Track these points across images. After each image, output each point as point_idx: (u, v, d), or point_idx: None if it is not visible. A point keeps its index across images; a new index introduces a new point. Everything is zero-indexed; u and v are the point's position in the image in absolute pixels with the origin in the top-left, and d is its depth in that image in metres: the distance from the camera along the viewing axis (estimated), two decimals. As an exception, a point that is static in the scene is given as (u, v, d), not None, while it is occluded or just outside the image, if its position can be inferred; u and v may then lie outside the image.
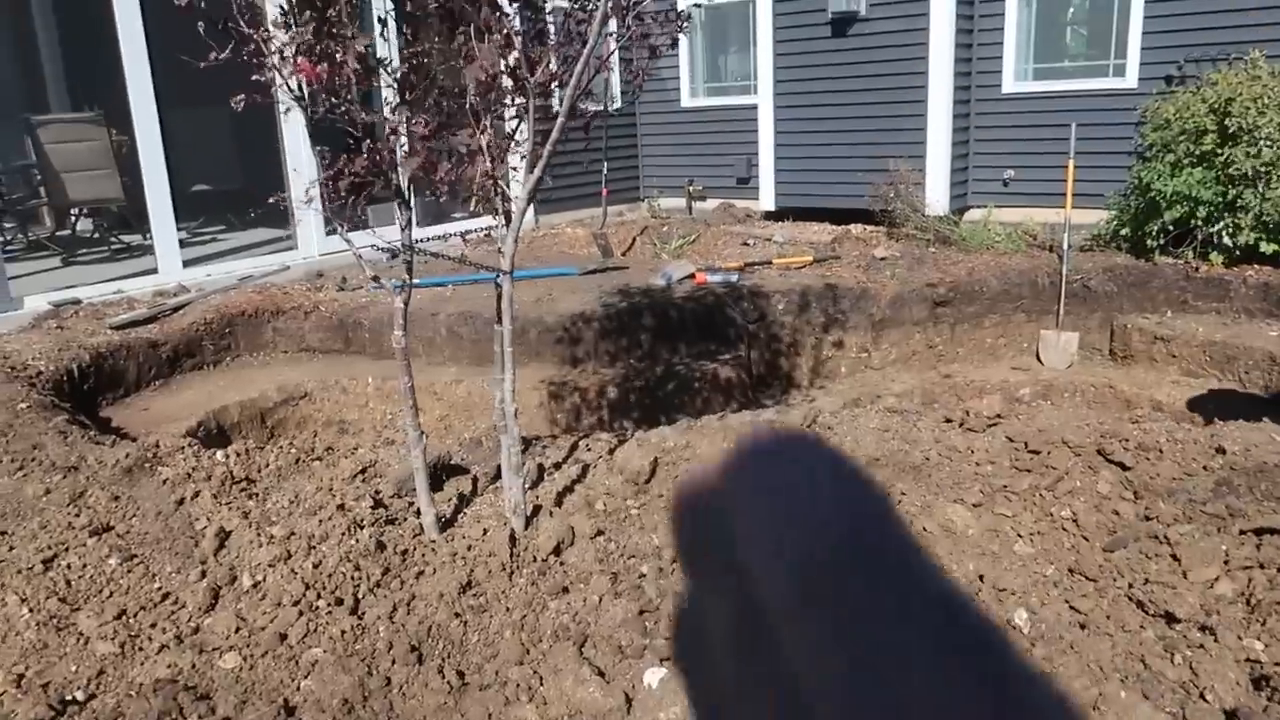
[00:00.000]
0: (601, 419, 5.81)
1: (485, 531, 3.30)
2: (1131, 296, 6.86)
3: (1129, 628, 2.64)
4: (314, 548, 3.11)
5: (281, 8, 3.07)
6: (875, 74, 8.40)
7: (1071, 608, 2.76)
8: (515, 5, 3.40)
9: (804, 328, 6.59)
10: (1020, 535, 3.14)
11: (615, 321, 6.30)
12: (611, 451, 3.95)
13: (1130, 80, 7.79)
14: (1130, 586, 2.81)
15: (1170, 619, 2.64)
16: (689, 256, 7.86)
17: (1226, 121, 6.44)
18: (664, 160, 10.40)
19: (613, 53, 3.96)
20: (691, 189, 9.95)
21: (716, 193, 9.92)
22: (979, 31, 8.35)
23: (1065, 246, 6.82)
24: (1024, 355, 7.00)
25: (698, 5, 9.41)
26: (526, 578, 3.04)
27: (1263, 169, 6.28)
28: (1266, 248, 6.33)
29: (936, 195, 8.11)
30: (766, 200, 9.20)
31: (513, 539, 3.21)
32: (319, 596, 2.87)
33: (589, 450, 4.02)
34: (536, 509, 3.44)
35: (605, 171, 9.10)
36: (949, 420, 4.04)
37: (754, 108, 9.19)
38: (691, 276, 6.92)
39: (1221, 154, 6.45)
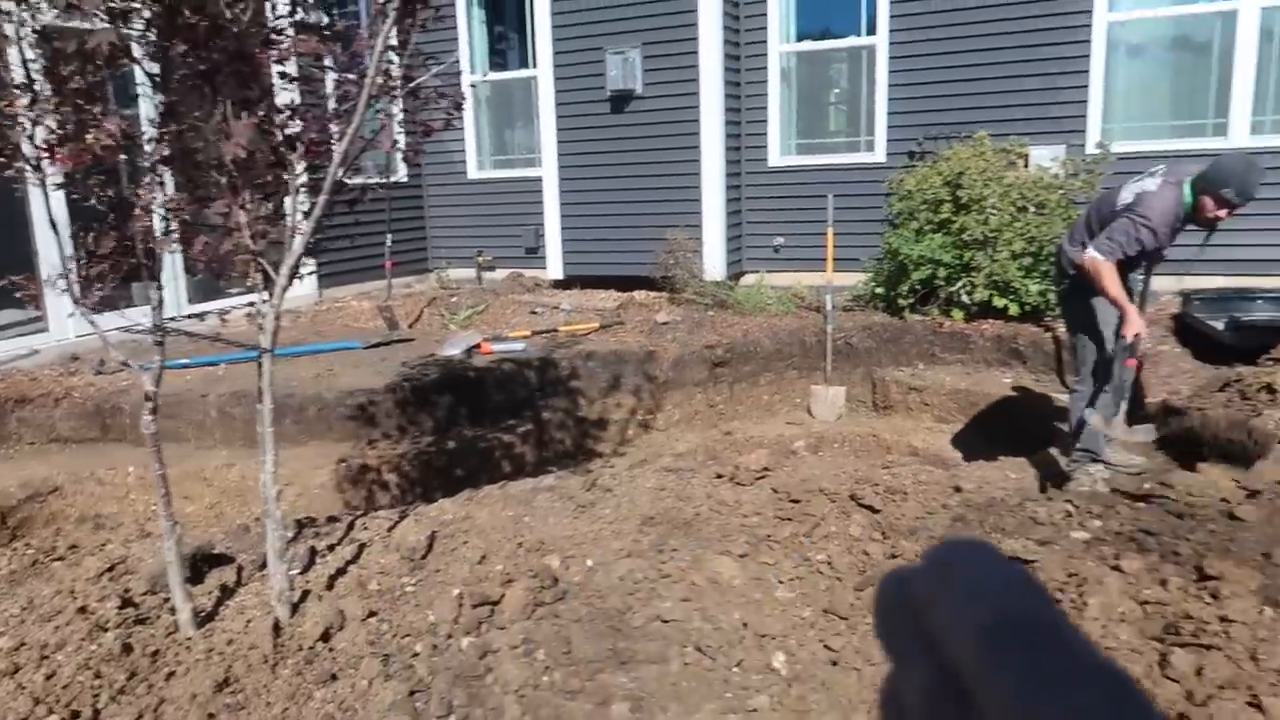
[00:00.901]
0: (391, 496, 5.66)
1: (248, 623, 3.13)
2: (889, 351, 7.46)
3: (874, 661, 2.83)
4: (47, 658, 2.85)
5: (28, 75, 2.89)
6: (653, 148, 8.81)
7: (826, 646, 2.94)
8: (282, 76, 3.36)
9: (591, 393, 6.72)
10: (782, 581, 3.32)
11: (401, 395, 6.20)
12: (390, 529, 3.87)
13: (879, 155, 8.57)
14: (877, 622, 3.02)
15: (910, 649, 2.87)
16: (478, 326, 7.87)
17: (959, 193, 7.21)
18: (453, 231, 10.42)
19: (383, 128, 3.97)
20: (481, 259, 10.01)
21: (506, 263, 10.03)
22: (746, 110, 8.96)
23: (829, 307, 7.35)
24: (797, 410, 7.43)
25: (473, 85, 9.59)
26: (291, 668, 2.90)
27: (991, 234, 7.04)
28: (998, 303, 7.08)
29: (713, 262, 8.55)
30: (554, 269, 9.38)
31: (277, 628, 3.06)
32: (50, 711, 2.62)
33: (366, 529, 3.92)
34: (305, 594, 3.30)
35: (390, 243, 9.00)
36: (720, 475, 4.23)
37: (539, 180, 9.40)
38: (477, 347, 6.93)
39: (956, 221, 7.19)
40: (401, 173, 9.26)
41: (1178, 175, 4.37)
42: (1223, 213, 4.26)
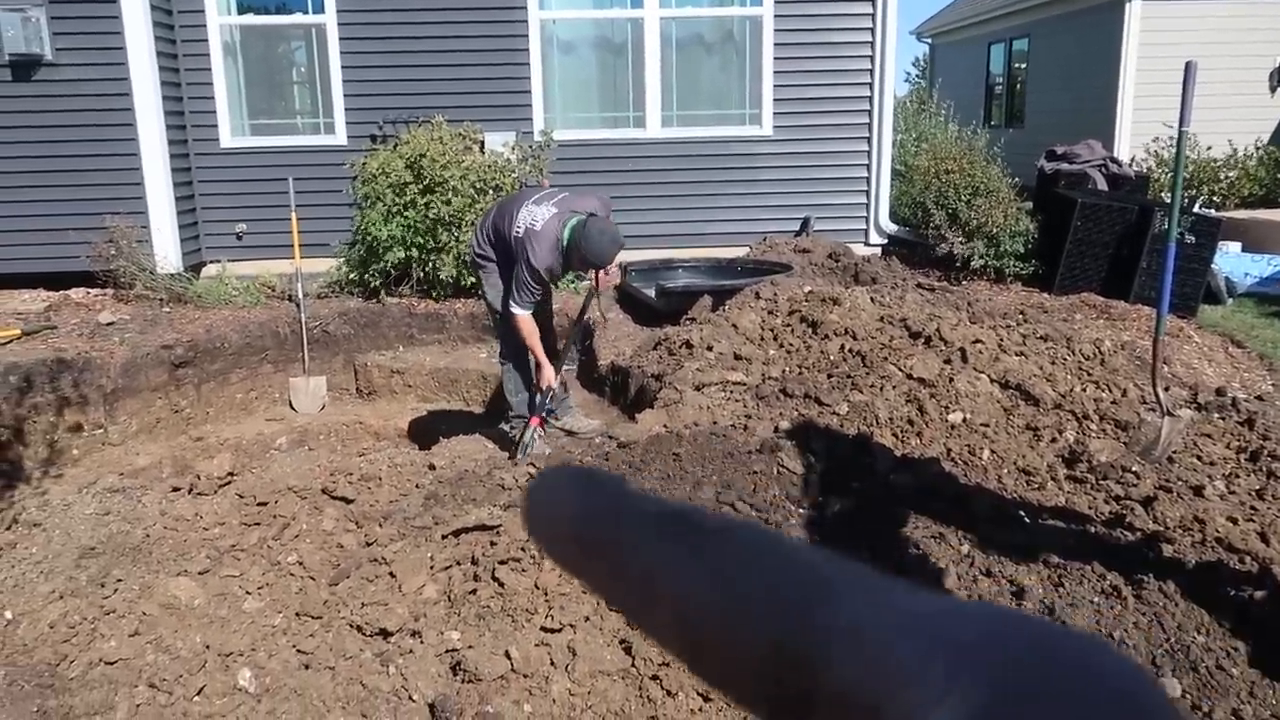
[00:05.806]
0: None
1: None
2: (367, 336, 7.41)
3: (350, 654, 2.80)
4: None
5: None
6: (77, 124, 7.66)
7: (298, 650, 2.83)
8: None
9: (18, 410, 5.71)
10: (250, 592, 3.12)
11: None
12: None
13: (341, 138, 8.40)
14: (352, 613, 2.99)
15: (385, 634, 2.88)
16: None
17: (421, 174, 7.33)
18: None
19: None
20: None
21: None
22: (189, 85, 8.18)
23: (300, 295, 7.06)
24: (277, 405, 7.07)
25: None
26: None
27: (455, 215, 7.29)
28: (467, 281, 7.38)
29: (166, 253, 7.73)
30: (-44, 268, 7.76)
31: None
32: None
33: None
34: None
35: None
36: (177, 489, 3.85)
37: (-78, 159, 7.67)
38: None
39: (423, 202, 7.32)
40: None
41: (565, 212, 4.53)
42: (589, 270, 4.68)
